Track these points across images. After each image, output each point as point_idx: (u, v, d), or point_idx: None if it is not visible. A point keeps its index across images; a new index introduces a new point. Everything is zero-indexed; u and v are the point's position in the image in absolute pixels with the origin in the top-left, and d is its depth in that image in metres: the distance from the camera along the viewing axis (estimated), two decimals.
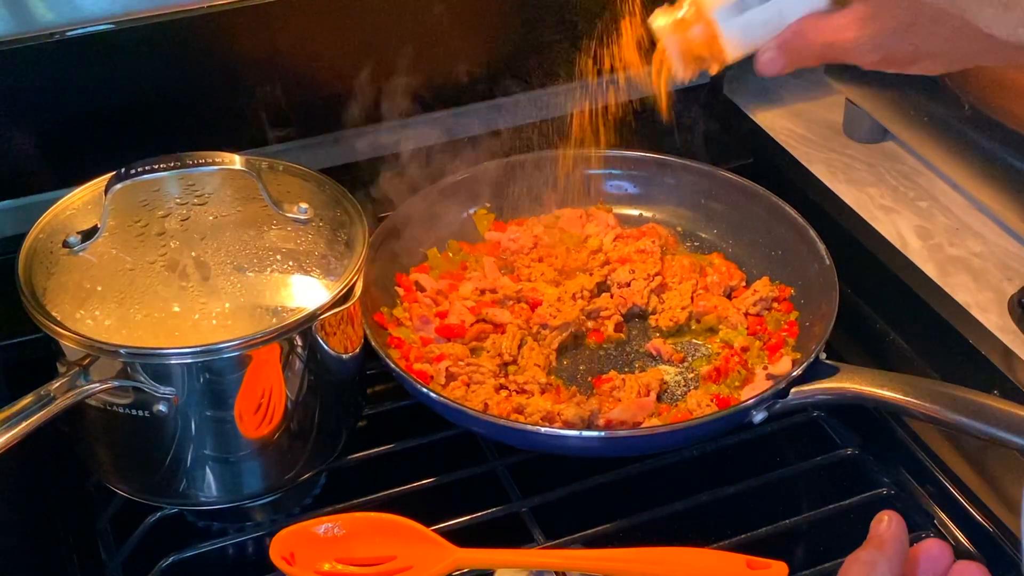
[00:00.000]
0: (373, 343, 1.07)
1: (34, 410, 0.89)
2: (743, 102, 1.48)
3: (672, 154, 1.30)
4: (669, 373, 1.14)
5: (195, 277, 0.99)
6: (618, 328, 1.18)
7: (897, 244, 1.25)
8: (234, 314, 0.97)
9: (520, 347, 1.13)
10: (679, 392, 1.12)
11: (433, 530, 0.96)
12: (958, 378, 1.04)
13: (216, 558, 1.03)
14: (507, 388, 1.09)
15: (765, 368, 1.11)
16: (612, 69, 1.03)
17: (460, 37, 1.27)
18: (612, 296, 1.20)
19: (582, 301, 1.19)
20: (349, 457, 1.07)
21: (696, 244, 1.27)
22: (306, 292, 0.99)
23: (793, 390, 1.03)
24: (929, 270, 1.22)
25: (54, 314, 0.94)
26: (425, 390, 1.03)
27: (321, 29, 1.22)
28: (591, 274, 1.22)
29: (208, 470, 0.99)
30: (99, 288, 0.98)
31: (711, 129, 1.39)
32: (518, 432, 1.03)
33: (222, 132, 1.18)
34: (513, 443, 1.06)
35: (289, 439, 1.00)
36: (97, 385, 0.92)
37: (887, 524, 0.74)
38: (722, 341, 1.16)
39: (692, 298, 1.19)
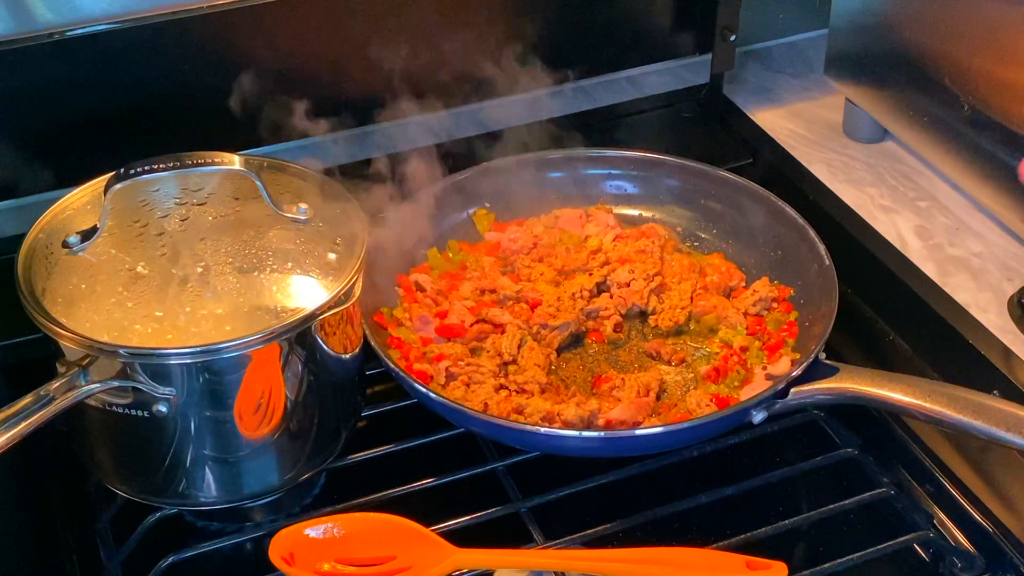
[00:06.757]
0: (373, 343, 1.07)
1: (34, 410, 0.89)
2: (743, 102, 1.48)
3: (672, 154, 1.29)
4: (669, 373, 1.13)
5: (194, 277, 0.99)
6: (618, 328, 1.18)
7: (897, 244, 1.25)
8: (234, 314, 0.97)
9: (520, 347, 1.13)
10: (679, 392, 1.12)
11: (433, 530, 0.96)
12: (958, 378, 1.04)
13: (216, 558, 1.03)
14: (507, 388, 1.09)
15: (764, 368, 1.11)
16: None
17: (460, 37, 1.27)
18: (612, 296, 1.20)
19: (582, 301, 1.18)
20: (349, 457, 1.07)
21: (696, 244, 1.27)
22: (305, 292, 0.99)
23: (793, 390, 1.03)
24: (929, 270, 1.21)
25: (54, 314, 0.94)
26: (425, 390, 1.03)
27: (320, 29, 1.22)
28: (591, 274, 1.22)
29: (208, 470, 0.99)
30: (99, 288, 0.98)
31: (711, 129, 1.39)
32: (518, 432, 1.03)
33: (222, 132, 1.18)
34: (513, 443, 1.06)
35: (289, 439, 1.00)
36: (97, 385, 0.92)
37: None
38: (721, 341, 1.16)
39: (692, 298, 1.19)
